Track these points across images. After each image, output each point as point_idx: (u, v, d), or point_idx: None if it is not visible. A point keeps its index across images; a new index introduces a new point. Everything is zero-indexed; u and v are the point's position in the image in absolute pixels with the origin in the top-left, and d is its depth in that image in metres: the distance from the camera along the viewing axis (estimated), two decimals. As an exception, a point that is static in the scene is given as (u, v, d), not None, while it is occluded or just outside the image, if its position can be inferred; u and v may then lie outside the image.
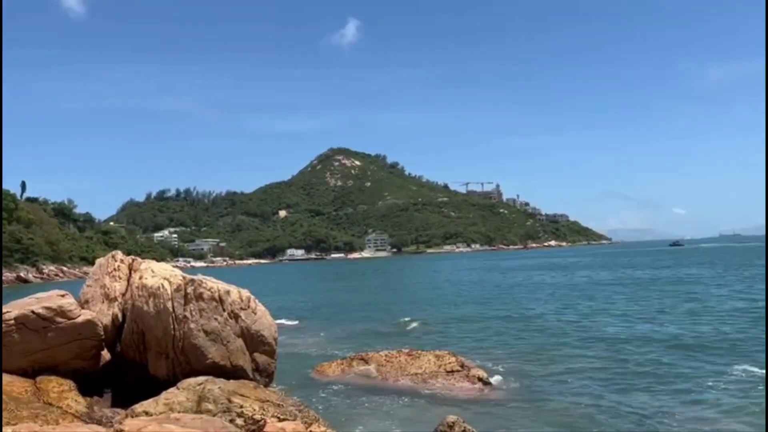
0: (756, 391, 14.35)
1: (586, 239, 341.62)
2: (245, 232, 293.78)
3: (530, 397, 15.02)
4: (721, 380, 15.60)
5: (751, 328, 23.07)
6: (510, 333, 25.31)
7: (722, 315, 27.36)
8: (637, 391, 15.05)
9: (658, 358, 18.67)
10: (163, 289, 12.52)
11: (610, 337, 22.91)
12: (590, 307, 33.53)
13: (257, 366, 13.26)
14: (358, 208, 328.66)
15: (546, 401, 14.58)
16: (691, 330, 23.58)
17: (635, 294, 39.79)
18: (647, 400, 14.30)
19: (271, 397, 11.22)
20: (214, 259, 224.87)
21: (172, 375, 12.37)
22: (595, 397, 14.79)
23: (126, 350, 13.27)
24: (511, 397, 15.02)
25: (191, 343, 12.37)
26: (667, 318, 27.35)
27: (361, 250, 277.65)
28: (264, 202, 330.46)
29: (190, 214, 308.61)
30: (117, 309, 13.67)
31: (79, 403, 11.36)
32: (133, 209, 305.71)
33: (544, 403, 14.47)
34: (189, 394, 10.27)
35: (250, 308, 13.35)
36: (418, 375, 16.27)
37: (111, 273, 14.16)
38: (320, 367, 17.85)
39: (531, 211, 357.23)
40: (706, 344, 20.46)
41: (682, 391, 14.89)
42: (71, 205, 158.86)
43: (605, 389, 15.43)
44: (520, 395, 15.20)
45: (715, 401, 13.91)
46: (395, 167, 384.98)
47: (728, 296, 35.21)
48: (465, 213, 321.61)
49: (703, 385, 15.29)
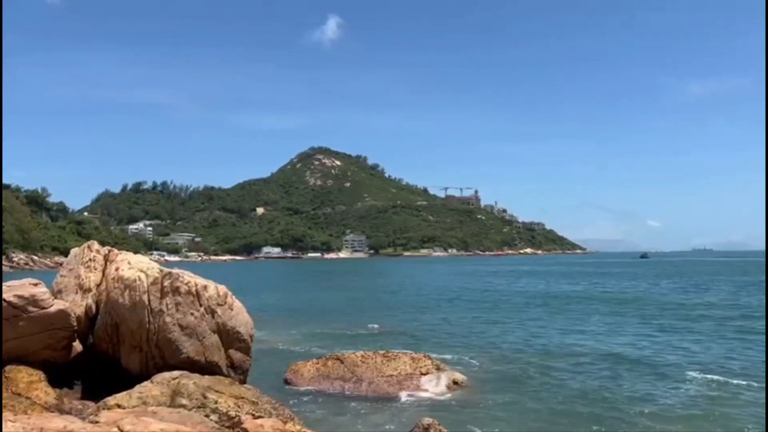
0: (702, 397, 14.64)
1: (561, 248, 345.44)
2: (221, 228, 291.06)
3: (505, 399, 15.13)
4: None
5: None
6: (486, 337, 25.47)
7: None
8: (606, 391, 15.25)
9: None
10: (139, 281, 12.34)
11: (579, 344, 23.19)
12: (553, 315, 33.92)
13: (232, 363, 13.13)
14: (337, 209, 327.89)
15: (520, 403, 14.71)
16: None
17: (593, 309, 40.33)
18: (615, 400, 14.49)
19: (246, 394, 11.12)
20: (189, 254, 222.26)
21: (146, 369, 12.19)
22: (569, 398, 14.94)
23: (99, 342, 13.04)
24: (486, 400, 15.10)
25: (166, 337, 12.21)
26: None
27: (338, 250, 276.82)
28: (242, 199, 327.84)
29: (166, 208, 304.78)
30: (91, 300, 13.43)
31: (49, 394, 11.14)
32: (108, 200, 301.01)
33: (518, 405, 14.59)
34: (163, 388, 10.13)
35: (226, 304, 13.22)
36: (393, 376, 16.24)
37: (86, 263, 13.91)
38: (295, 366, 17.71)
39: (508, 218, 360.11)
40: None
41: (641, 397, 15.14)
42: (44, 193, 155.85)
43: (578, 390, 15.60)
44: (495, 398, 15.28)
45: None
46: (376, 169, 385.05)
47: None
48: (443, 217, 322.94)
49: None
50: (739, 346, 22.63)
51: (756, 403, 14.55)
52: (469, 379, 16.76)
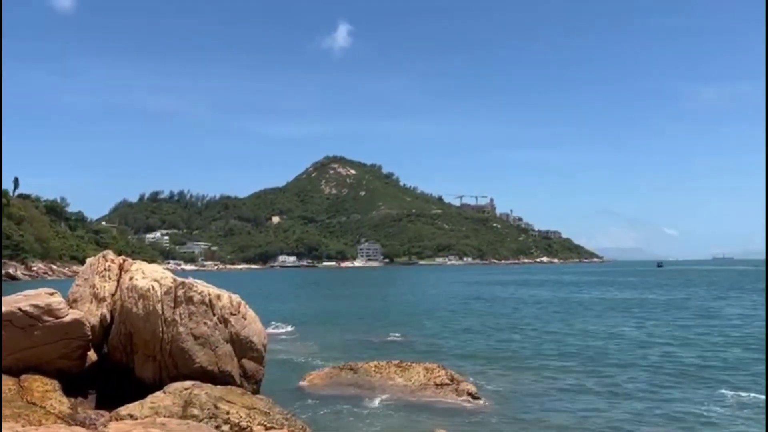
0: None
1: (578, 256, 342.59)
2: (237, 237, 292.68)
3: (519, 413, 14.93)
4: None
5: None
6: (502, 347, 25.24)
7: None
8: (622, 408, 15.01)
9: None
10: (153, 290, 12.40)
11: (597, 354, 22.90)
12: (570, 324, 33.56)
13: (245, 372, 13.13)
14: (352, 217, 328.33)
15: (535, 419, 14.49)
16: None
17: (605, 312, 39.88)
18: (632, 416, 14.25)
19: (258, 404, 11.09)
20: (205, 263, 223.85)
21: (159, 378, 12.23)
22: (586, 412, 14.73)
23: (113, 352, 13.11)
24: (500, 413, 14.91)
25: (179, 346, 12.24)
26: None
27: (353, 259, 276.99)
28: (257, 208, 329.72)
29: (183, 217, 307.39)
30: (106, 309, 13.52)
31: (63, 403, 11.20)
32: (125, 209, 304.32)
33: (532, 420, 14.38)
34: (175, 398, 10.13)
35: (239, 313, 13.25)
36: (407, 387, 16.15)
37: (101, 273, 14.02)
38: (309, 375, 17.69)
39: (524, 226, 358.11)
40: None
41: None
42: (63, 203, 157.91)
43: (595, 406, 15.38)
44: (509, 411, 15.10)
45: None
46: (390, 177, 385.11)
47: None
48: (458, 226, 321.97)
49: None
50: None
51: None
52: (483, 391, 16.59)
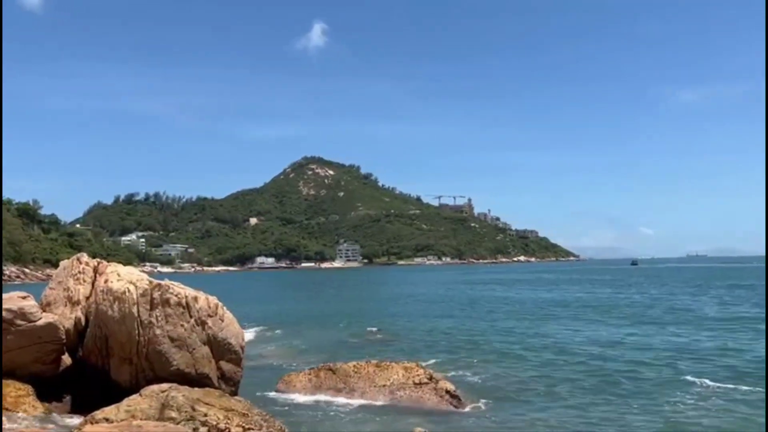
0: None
1: (555, 255, 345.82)
2: (215, 239, 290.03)
3: (498, 411, 15.06)
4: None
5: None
6: (478, 347, 25.41)
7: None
8: (598, 404, 15.22)
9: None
10: (128, 293, 12.29)
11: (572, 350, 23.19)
12: (540, 322, 33.95)
13: (223, 374, 13.08)
14: (330, 218, 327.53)
15: (513, 416, 14.64)
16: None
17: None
18: (611, 413, 14.47)
19: (237, 406, 11.04)
20: (182, 265, 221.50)
21: (135, 381, 12.12)
22: (564, 410, 14.91)
23: (88, 355, 12.96)
24: (479, 411, 15.05)
25: (156, 349, 12.15)
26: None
27: (332, 260, 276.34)
28: (235, 209, 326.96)
29: (159, 219, 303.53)
30: (80, 313, 13.36)
31: (37, 408, 11.06)
32: (100, 212, 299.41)
33: (511, 416, 14.53)
34: (152, 401, 10.05)
35: (217, 315, 13.18)
36: (386, 387, 16.18)
37: (75, 276, 13.85)
38: (287, 377, 17.63)
39: (501, 226, 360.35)
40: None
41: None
42: (36, 205, 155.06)
43: (572, 403, 15.57)
44: (487, 409, 15.23)
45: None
46: (369, 178, 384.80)
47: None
48: (437, 226, 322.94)
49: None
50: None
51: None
52: (461, 389, 16.69)
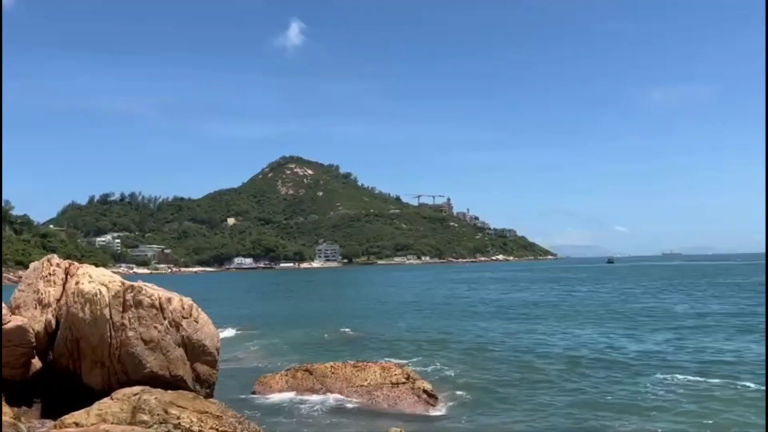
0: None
1: (533, 254, 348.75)
2: (192, 239, 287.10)
3: (473, 408, 15.13)
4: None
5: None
6: (455, 344, 25.50)
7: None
8: (570, 398, 15.36)
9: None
10: (100, 295, 12.07)
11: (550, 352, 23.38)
12: (517, 322, 34.25)
13: (198, 376, 12.92)
14: (309, 218, 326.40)
15: (489, 415, 14.71)
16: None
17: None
18: (585, 411, 14.60)
19: (211, 408, 10.92)
20: (158, 266, 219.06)
21: (108, 385, 11.91)
22: (538, 409, 15.01)
23: (59, 358, 12.71)
24: (456, 410, 15.08)
25: (129, 351, 11.95)
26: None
27: (311, 260, 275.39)
28: (212, 209, 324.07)
29: (135, 219, 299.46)
30: (51, 315, 13.10)
31: (6, 413, 10.79)
32: (74, 212, 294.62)
33: (487, 416, 14.59)
34: (123, 404, 9.89)
35: (192, 317, 13.01)
36: (363, 387, 16.13)
37: (46, 277, 13.58)
38: (264, 378, 17.50)
39: (480, 225, 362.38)
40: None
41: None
42: (8, 206, 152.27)
43: (548, 401, 15.68)
44: (464, 408, 15.28)
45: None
46: (348, 177, 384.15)
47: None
48: (416, 225, 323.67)
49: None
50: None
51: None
52: (438, 388, 16.72)
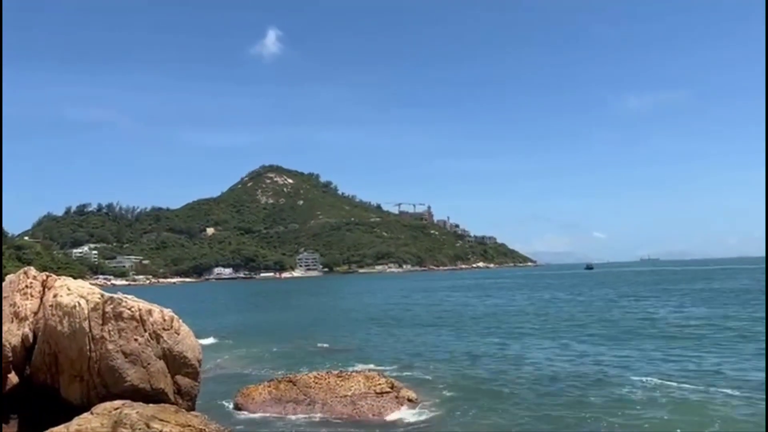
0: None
1: (513, 261, 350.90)
2: (170, 250, 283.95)
3: (456, 415, 15.13)
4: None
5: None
6: (436, 352, 25.51)
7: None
8: (548, 403, 15.43)
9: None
10: (79, 307, 11.88)
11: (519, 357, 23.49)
12: (497, 328, 34.38)
13: (179, 389, 12.75)
14: (290, 227, 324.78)
15: (472, 420, 14.72)
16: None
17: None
18: (565, 415, 14.67)
19: (193, 421, 10.78)
20: (137, 277, 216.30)
21: (87, 399, 11.70)
22: (519, 416, 15.04)
23: (36, 373, 12.47)
24: (440, 418, 15.07)
25: (108, 364, 11.76)
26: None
27: (292, 269, 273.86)
28: (191, 219, 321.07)
29: (112, 230, 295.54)
30: (28, 329, 12.85)
31: (-19, 430, 10.55)
32: (50, 223, 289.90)
33: (469, 423, 14.59)
34: (104, 419, 9.72)
35: (172, 329, 12.85)
36: (347, 397, 16.05)
37: (22, 290, 13.32)
38: (246, 390, 17.31)
39: (460, 232, 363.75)
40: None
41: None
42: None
43: (531, 408, 15.73)
44: (447, 414, 15.28)
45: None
46: (328, 186, 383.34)
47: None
48: (397, 233, 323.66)
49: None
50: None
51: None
52: (422, 396, 16.71)
